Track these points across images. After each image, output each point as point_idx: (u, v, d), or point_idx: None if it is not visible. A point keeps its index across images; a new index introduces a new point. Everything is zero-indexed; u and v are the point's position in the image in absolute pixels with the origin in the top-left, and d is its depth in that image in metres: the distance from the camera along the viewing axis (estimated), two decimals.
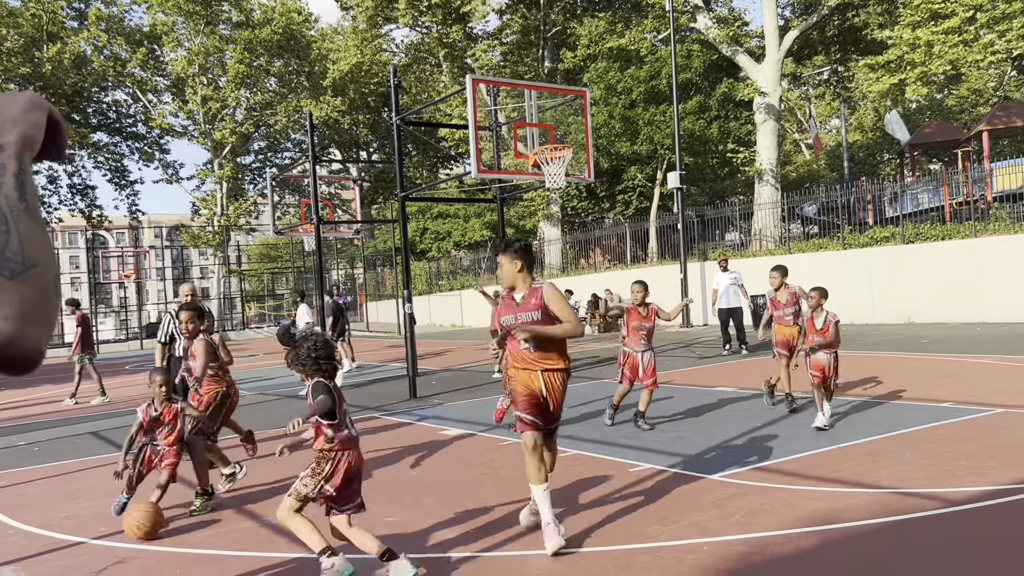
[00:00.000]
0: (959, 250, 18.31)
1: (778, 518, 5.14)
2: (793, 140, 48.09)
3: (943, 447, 6.76)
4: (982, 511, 5.09)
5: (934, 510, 5.10)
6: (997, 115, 24.61)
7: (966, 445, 6.77)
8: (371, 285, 42.91)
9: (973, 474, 5.85)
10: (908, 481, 5.76)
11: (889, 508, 5.19)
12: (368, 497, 6.31)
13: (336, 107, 39.93)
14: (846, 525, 4.93)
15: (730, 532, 4.95)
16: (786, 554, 4.55)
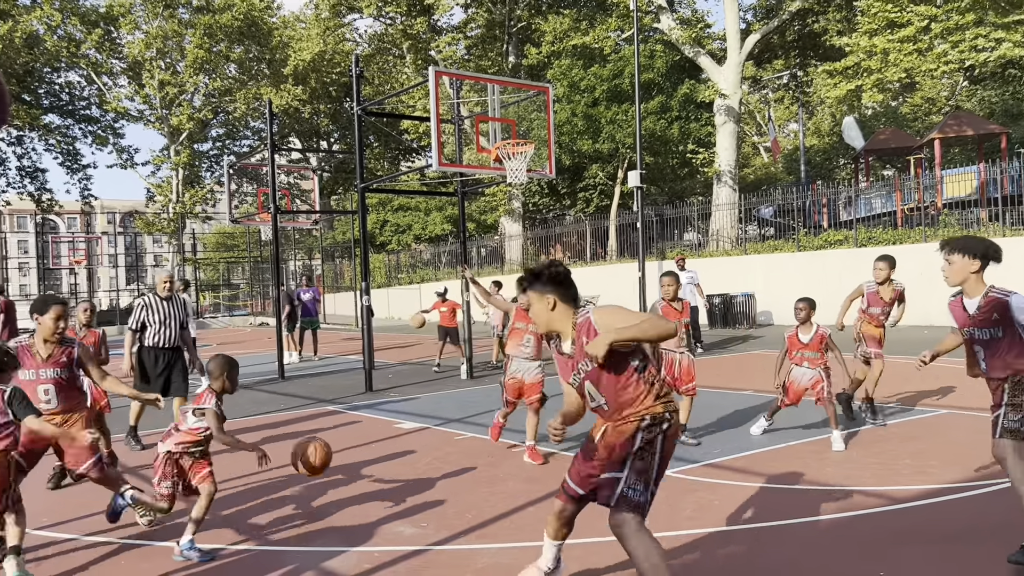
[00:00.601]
0: (909, 255, 18.70)
1: (727, 514, 5.22)
2: (752, 143, 48.73)
3: (888, 446, 6.92)
4: (925, 508, 5.22)
5: (879, 507, 5.22)
6: (949, 124, 25.20)
7: (911, 444, 6.94)
8: (329, 277, 42.52)
9: (917, 472, 6.00)
10: (854, 479, 5.88)
11: (835, 505, 5.30)
12: (318, 490, 6.28)
13: (297, 96, 39.43)
14: (793, 522, 5.02)
15: (680, 527, 5.01)
16: (734, 550, 4.62)
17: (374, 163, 42.62)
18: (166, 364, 8.29)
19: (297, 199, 45.99)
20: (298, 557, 4.81)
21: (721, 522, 5.06)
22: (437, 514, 5.54)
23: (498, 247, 34.47)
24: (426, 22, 33.90)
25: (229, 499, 6.17)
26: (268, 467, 5.05)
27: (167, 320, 8.30)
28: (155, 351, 8.25)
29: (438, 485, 6.31)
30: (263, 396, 12.06)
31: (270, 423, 9.68)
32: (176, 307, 8.41)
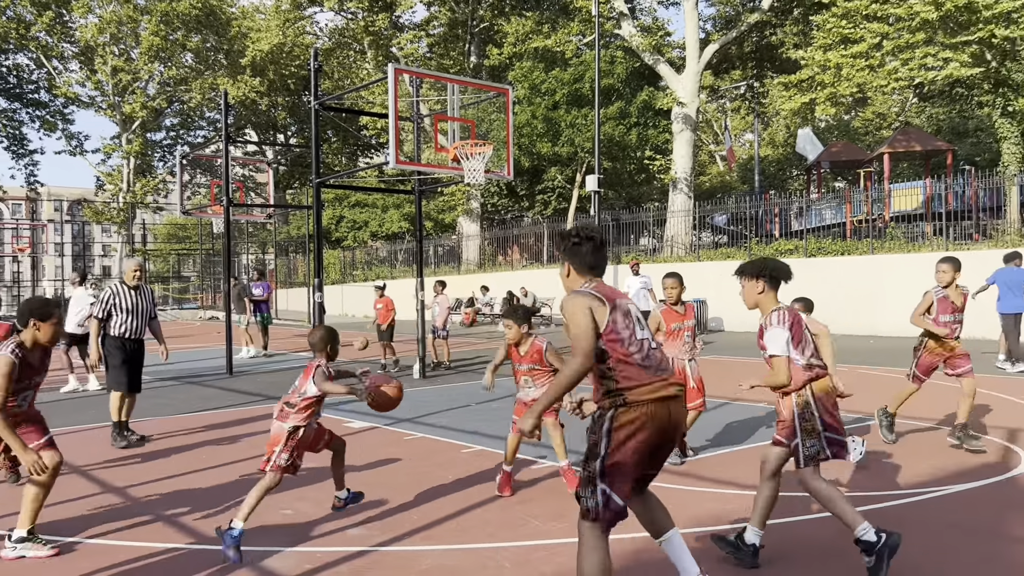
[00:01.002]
0: (857, 265, 19.15)
1: (684, 516, 5.26)
2: (708, 151, 49.40)
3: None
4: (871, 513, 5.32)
5: (822, 513, 5.31)
6: (898, 139, 25.85)
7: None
8: (282, 272, 42.00)
9: (863, 479, 6.13)
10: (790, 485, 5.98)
11: (784, 510, 5.38)
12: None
13: (254, 87, 38.88)
14: (737, 526, 5.09)
15: (625, 531, 5.04)
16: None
17: (331, 158, 42.23)
18: (131, 355, 8.08)
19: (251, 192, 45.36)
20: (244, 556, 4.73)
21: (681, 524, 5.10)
22: (382, 514, 5.51)
23: (455, 247, 34.41)
24: (388, 18, 33.70)
25: (167, 497, 6.06)
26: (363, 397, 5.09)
27: (135, 311, 8.06)
28: (121, 341, 8.02)
29: (385, 485, 6.26)
30: (210, 392, 11.87)
31: (216, 420, 9.53)
32: (145, 298, 8.19)
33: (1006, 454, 6.81)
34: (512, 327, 5.96)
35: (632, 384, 3.43)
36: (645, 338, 3.55)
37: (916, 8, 18.73)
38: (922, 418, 8.52)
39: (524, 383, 6.04)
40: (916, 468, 6.38)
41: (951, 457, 6.74)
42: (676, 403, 3.54)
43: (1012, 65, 20.17)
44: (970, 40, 18.67)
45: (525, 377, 6.02)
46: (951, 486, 5.86)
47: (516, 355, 5.99)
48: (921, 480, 6.03)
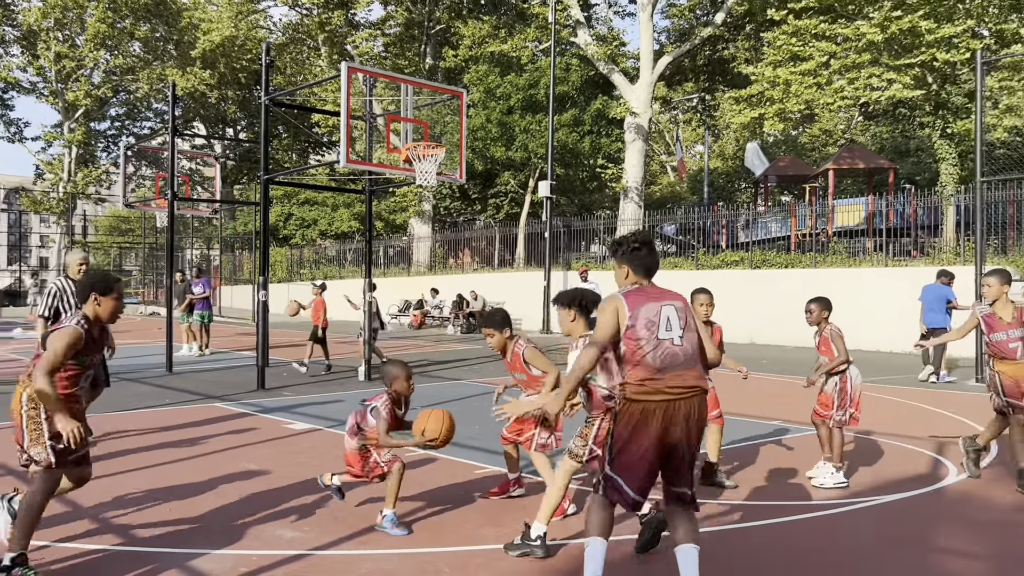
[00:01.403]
0: (800, 278, 19.55)
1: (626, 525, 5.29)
2: (660, 161, 50.01)
3: (774, 462, 7.19)
4: (804, 522, 5.44)
5: (762, 520, 5.40)
6: (843, 156, 26.50)
7: (793, 461, 7.22)
8: (227, 268, 41.27)
9: (798, 488, 6.24)
10: (737, 492, 6.08)
11: (717, 519, 5.46)
12: (200, 490, 6.07)
13: (204, 80, 38.15)
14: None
15: (562, 536, 5.06)
16: (615, 559, 4.69)
17: (281, 154, 41.67)
18: None
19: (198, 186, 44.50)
20: (168, 558, 4.63)
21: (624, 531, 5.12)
22: (321, 518, 5.43)
23: (406, 248, 34.22)
24: (343, 16, 33.41)
25: (102, 499, 5.89)
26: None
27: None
28: None
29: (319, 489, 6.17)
30: (147, 390, 11.60)
31: (153, 418, 9.31)
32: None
33: (935, 466, 7.01)
34: (493, 335, 5.51)
35: (635, 381, 3.77)
36: (668, 338, 3.84)
37: (863, 29, 19.23)
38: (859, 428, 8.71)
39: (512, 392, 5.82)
40: (852, 477, 6.51)
41: (881, 467, 6.91)
42: (682, 402, 3.78)
43: (952, 89, 20.83)
44: (913, 63, 19.24)
45: (513, 388, 5.79)
46: (880, 496, 6.00)
47: (505, 363, 5.64)
48: (852, 491, 6.17)
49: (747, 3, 24.55)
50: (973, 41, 18.67)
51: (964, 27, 18.71)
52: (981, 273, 12.95)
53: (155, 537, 5.01)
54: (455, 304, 25.36)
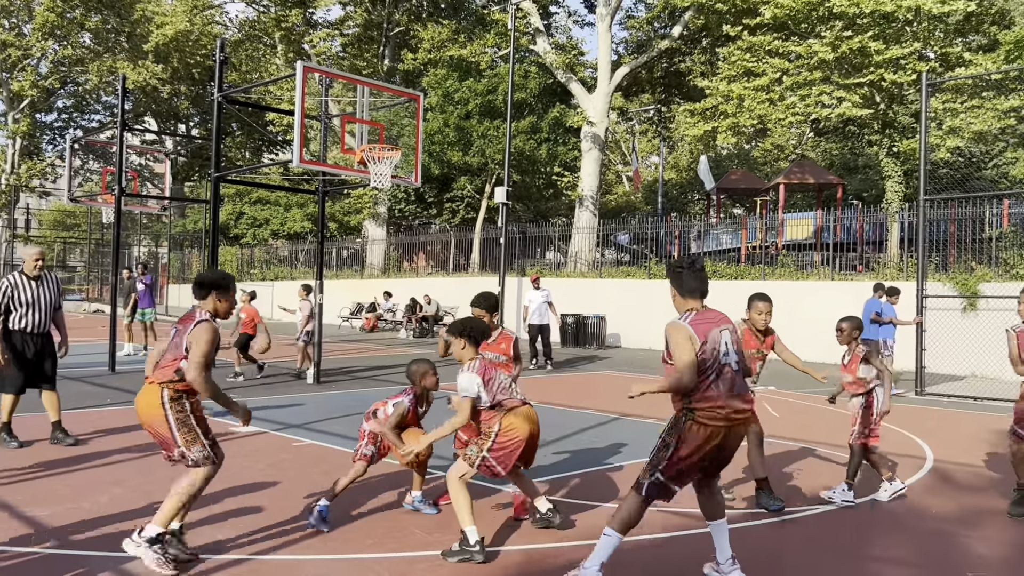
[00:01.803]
0: (749, 290, 19.81)
1: (554, 531, 5.31)
2: (616, 171, 50.45)
3: None
4: (743, 530, 5.51)
5: (699, 529, 5.47)
6: (793, 171, 27.05)
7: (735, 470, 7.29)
8: (175, 267, 40.49)
9: (739, 497, 6.32)
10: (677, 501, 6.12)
11: (657, 525, 5.51)
12: (140, 492, 5.94)
13: (156, 74, 37.40)
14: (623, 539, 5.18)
15: (508, 543, 5.06)
16: (559, 565, 4.71)
17: (235, 152, 41.06)
18: (36, 351, 7.49)
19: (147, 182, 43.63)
20: (100, 562, 4.53)
21: (549, 539, 5.15)
22: (263, 522, 5.35)
23: (360, 250, 33.96)
24: (301, 14, 33.09)
25: (35, 501, 5.73)
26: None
27: (37, 303, 7.47)
28: (23, 335, 7.39)
29: (268, 492, 6.10)
30: (89, 389, 11.32)
31: (95, 419, 9.08)
32: (48, 288, 7.64)
33: (869, 476, 7.17)
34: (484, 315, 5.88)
35: (703, 405, 4.20)
36: (727, 363, 4.27)
37: (815, 48, 19.66)
38: (792, 438, 8.88)
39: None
40: (781, 490, 6.63)
41: (817, 478, 7.04)
42: (740, 426, 4.32)
43: (899, 108, 21.40)
44: (862, 82, 19.72)
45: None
46: (822, 505, 6.12)
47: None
48: (797, 499, 6.28)
49: (703, 18, 24.93)
50: (919, 63, 19.22)
51: (911, 49, 19.25)
52: (922, 288, 13.33)
53: (88, 540, 4.89)
54: (408, 308, 25.23)
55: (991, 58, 18.85)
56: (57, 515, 5.36)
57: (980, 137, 19.83)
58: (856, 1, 18.87)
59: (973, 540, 5.44)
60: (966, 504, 6.30)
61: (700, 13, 24.78)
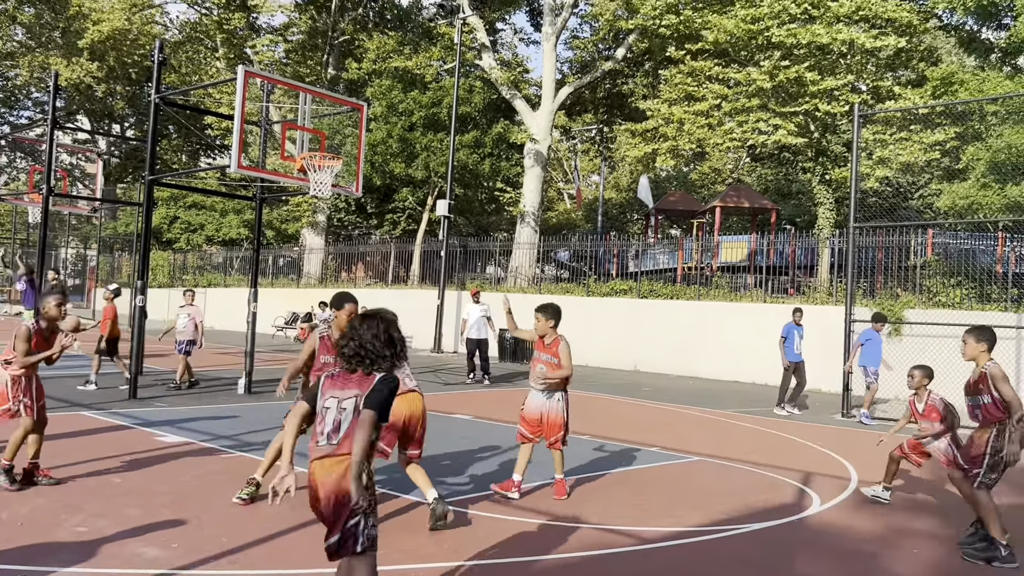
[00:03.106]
0: (684, 310, 20.20)
1: (488, 547, 5.30)
2: (557, 188, 50.82)
3: (645, 488, 7.35)
4: (670, 549, 5.57)
5: (629, 547, 5.50)
6: (729, 194, 27.65)
7: (665, 487, 7.40)
8: (104, 270, 39.27)
9: (666, 515, 6.40)
10: (610, 518, 6.18)
11: (589, 543, 5.53)
12: (62, 503, 5.71)
13: (91, 72, 36.34)
14: (548, 557, 5.19)
15: (441, 559, 5.02)
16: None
17: (171, 155, 40.11)
18: None
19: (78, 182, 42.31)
20: None
21: (482, 555, 5.13)
22: (188, 535, 5.20)
23: (297, 259, 33.45)
24: (244, 18, 32.60)
25: None
26: None
27: None
28: None
29: (193, 504, 5.92)
30: None
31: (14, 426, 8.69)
32: None
33: (800, 496, 7.34)
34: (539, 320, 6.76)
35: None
36: None
37: (753, 75, 20.19)
38: (731, 458, 9.03)
39: (539, 373, 6.75)
40: (720, 506, 6.74)
41: (748, 496, 7.16)
42: None
43: (832, 137, 22.10)
44: (797, 111, 20.32)
45: (541, 366, 6.75)
46: (747, 525, 6.23)
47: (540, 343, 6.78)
48: (723, 518, 6.38)
49: (647, 41, 25.39)
50: (852, 95, 19.89)
51: (844, 81, 19.92)
52: (851, 313, 13.73)
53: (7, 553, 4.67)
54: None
55: (919, 93, 19.62)
56: None
57: (907, 168, 20.61)
58: (793, 32, 19.45)
59: (893, 560, 5.59)
60: (889, 523, 6.49)
61: (644, 36, 25.24)
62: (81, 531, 5.16)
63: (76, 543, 4.91)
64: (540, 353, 6.77)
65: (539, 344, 6.80)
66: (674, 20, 22.54)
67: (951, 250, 18.83)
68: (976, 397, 5.80)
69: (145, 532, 5.19)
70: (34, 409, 6.21)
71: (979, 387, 5.77)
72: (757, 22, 20.04)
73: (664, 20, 22.69)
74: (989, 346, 5.81)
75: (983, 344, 5.81)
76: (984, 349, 5.79)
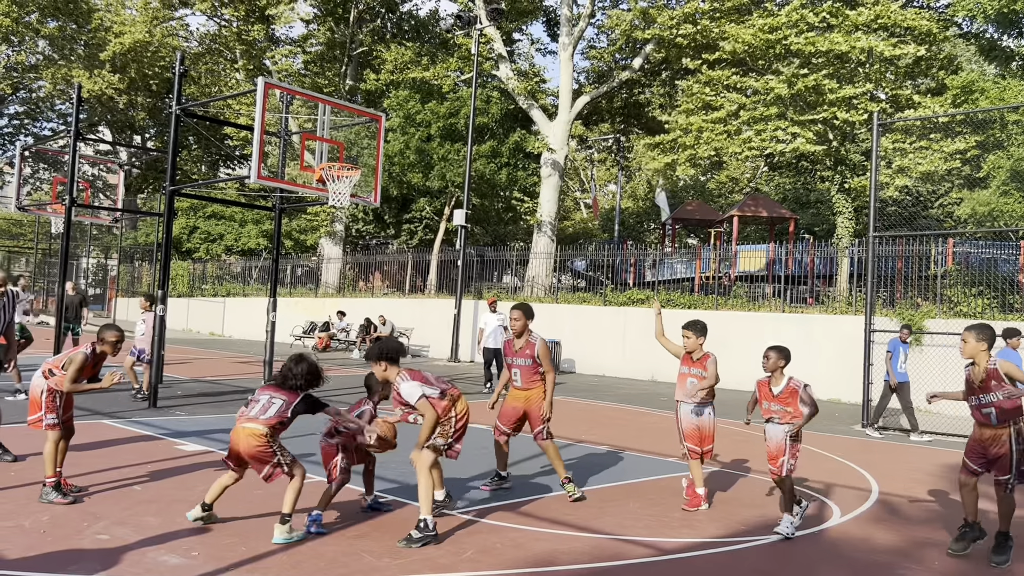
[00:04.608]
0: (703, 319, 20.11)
1: (506, 557, 5.29)
2: (574, 198, 50.88)
3: (662, 498, 7.32)
4: (688, 560, 5.54)
5: (646, 558, 5.48)
6: (747, 203, 27.58)
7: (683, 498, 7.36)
8: (125, 279, 39.65)
9: (684, 525, 6.37)
10: (627, 529, 6.16)
11: (606, 553, 5.51)
12: (83, 511, 5.76)
13: (113, 84, 36.80)
14: (565, 568, 5.18)
15: (460, 568, 5.02)
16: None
17: (190, 166, 40.49)
18: None
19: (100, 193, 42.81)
20: None
21: (500, 566, 5.12)
22: (208, 543, 5.23)
23: (315, 268, 33.62)
24: (264, 30, 32.91)
25: None
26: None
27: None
28: None
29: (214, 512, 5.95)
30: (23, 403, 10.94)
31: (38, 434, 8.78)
32: (7, 308, 7.45)
33: (820, 508, 7.27)
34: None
35: None
36: None
37: (771, 84, 20.13)
38: (750, 468, 8.97)
39: (689, 386, 7.14)
40: (738, 516, 6.70)
41: (770, 506, 7.10)
42: None
43: (851, 146, 21.99)
44: (816, 119, 20.24)
45: (691, 380, 7.17)
46: (767, 536, 6.18)
47: (688, 358, 7.21)
48: (742, 529, 6.34)
49: (664, 51, 25.38)
50: (871, 103, 19.79)
51: (863, 89, 19.83)
52: (871, 323, 13.62)
53: (23, 560, 4.72)
54: (362, 328, 25.00)
55: (939, 101, 19.49)
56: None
57: (927, 177, 20.44)
58: (812, 40, 19.39)
59: (916, 571, 5.53)
60: (910, 536, 6.42)
61: (661, 46, 25.24)
62: (103, 539, 5.21)
63: (98, 551, 4.95)
64: (689, 368, 7.09)
65: (686, 359, 7.13)
66: (691, 30, 22.54)
67: (972, 259, 18.65)
68: (984, 396, 5.69)
69: (166, 540, 5.23)
70: (60, 425, 6.27)
71: (988, 385, 5.65)
72: (775, 31, 19.99)
73: (681, 30, 22.69)
74: (989, 344, 5.72)
75: (983, 343, 5.71)
76: (984, 348, 5.70)
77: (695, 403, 6.97)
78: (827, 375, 16.55)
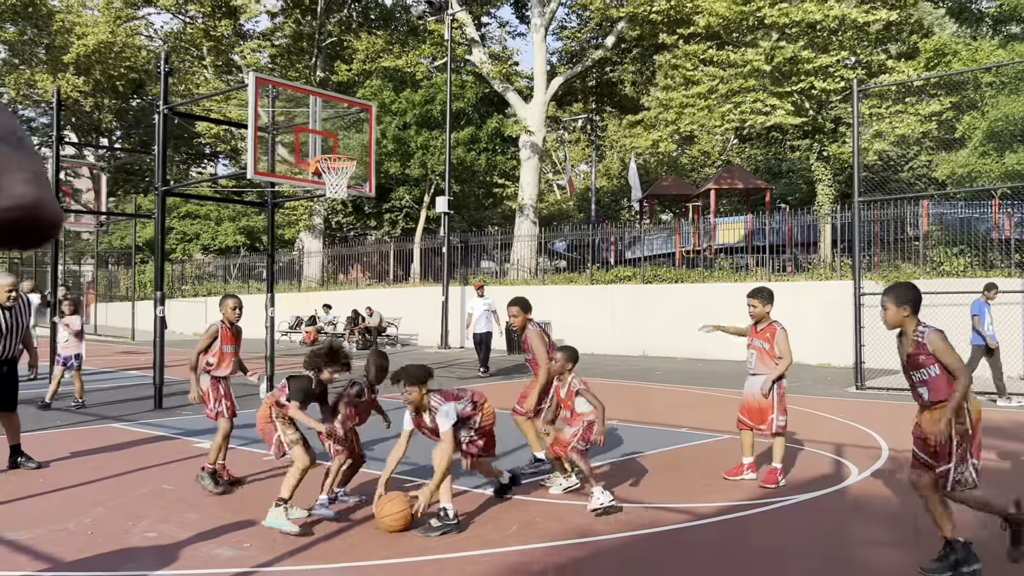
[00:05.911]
0: (688, 292, 20.37)
1: (548, 530, 5.42)
2: (547, 180, 50.89)
3: (682, 467, 7.49)
4: (733, 521, 5.72)
5: (682, 523, 5.64)
6: (723, 176, 27.81)
7: (702, 466, 7.54)
8: (102, 285, 39.16)
9: (711, 491, 6.54)
10: (659, 497, 6.32)
11: (643, 520, 5.67)
12: (122, 511, 5.81)
13: (77, 87, 36.16)
14: (608, 536, 5.32)
15: (507, 544, 5.14)
16: (558, 563, 4.82)
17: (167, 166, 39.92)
18: (4, 378, 7.32)
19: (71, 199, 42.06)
20: None
21: (544, 538, 5.25)
22: (256, 536, 5.30)
23: (295, 263, 33.46)
24: (231, 25, 32.50)
25: (15, 525, 5.55)
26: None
27: (10, 332, 7.25)
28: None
29: (254, 505, 6.01)
30: (33, 412, 10.90)
31: (51, 441, 8.77)
32: (21, 315, 7.41)
33: (838, 467, 7.49)
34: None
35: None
36: None
37: (749, 57, 20.30)
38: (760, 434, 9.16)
39: (750, 356, 6.88)
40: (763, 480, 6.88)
41: (788, 469, 7.31)
42: None
43: (827, 114, 22.25)
44: (793, 90, 20.45)
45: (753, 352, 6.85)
46: (796, 496, 6.38)
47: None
48: (768, 492, 6.52)
49: (638, 28, 25.46)
50: (847, 71, 20.03)
51: (839, 57, 20.05)
52: (859, 287, 13.89)
53: (80, 561, 4.77)
54: (350, 320, 24.99)
55: (912, 65, 19.77)
56: (41, 538, 5.20)
57: (902, 140, 20.76)
58: (785, 11, 19.57)
59: None
60: None
61: (634, 23, 25.31)
62: (151, 536, 5.26)
63: (152, 548, 5.01)
64: (752, 339, 6.80)
65: (752, 331, 6.83)
66: (664, 5, 22.63)
67: (947, 219, 19.03)
68: (920, 371, 4.56)
69: (214, 535, 5.29)
70: (234, 411, 6.70)
71: (917, 359, 4.54)
72: (748, 3, 20.14)
73: (655, 5, 22.77)
74: (914, 308, 4.60)
75: (905, 306, 4.60)
76: (908, 312, 4.59)
77: (752, 375, 6.83)
78: (816, 340, 16.87)
